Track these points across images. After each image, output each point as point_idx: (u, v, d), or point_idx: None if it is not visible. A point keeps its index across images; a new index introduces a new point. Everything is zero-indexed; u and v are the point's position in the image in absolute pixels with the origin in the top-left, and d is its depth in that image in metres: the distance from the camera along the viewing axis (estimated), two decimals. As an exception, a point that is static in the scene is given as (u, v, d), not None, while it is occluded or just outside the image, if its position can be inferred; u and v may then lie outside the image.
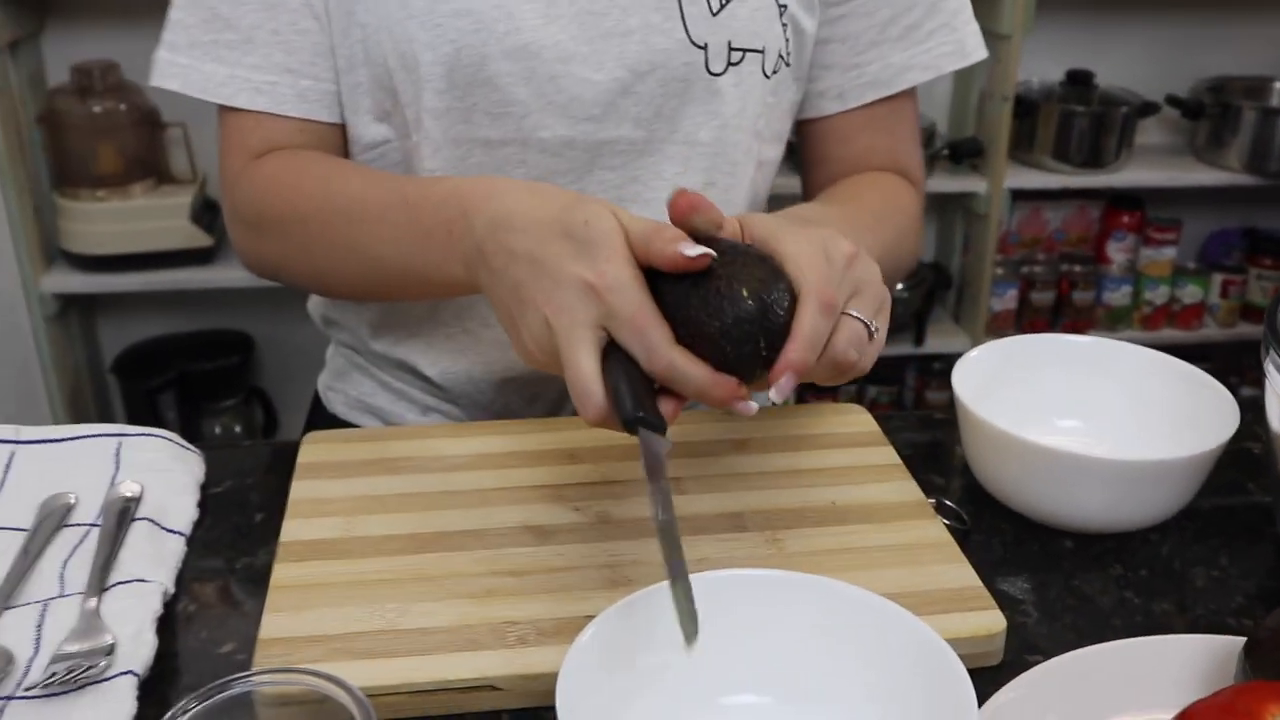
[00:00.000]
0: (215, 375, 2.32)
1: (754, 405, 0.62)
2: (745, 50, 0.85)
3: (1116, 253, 2.63)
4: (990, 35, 2.31)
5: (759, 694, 0.59)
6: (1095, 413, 0.83)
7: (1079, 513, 0.75)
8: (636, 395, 0.60)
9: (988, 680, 0.60)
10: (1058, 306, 2.65)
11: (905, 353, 2.53)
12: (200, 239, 2.13)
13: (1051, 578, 0.73)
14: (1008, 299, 2.59)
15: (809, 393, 2.17)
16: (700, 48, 0.84)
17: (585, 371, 0.60)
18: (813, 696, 0.58)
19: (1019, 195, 2.52)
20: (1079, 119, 2.44)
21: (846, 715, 0.57)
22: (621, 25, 0.83)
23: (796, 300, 0.61)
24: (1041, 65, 2.53)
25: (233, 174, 0.88)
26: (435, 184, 0.77)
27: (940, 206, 2.64)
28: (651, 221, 0.62)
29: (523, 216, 0.66)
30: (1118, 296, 2.63)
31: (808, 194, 0.99)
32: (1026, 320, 2.62)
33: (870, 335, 0.64)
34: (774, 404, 0.61)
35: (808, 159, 0.99)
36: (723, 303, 0.60)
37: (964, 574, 0.69)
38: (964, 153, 2.39)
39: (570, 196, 0.66)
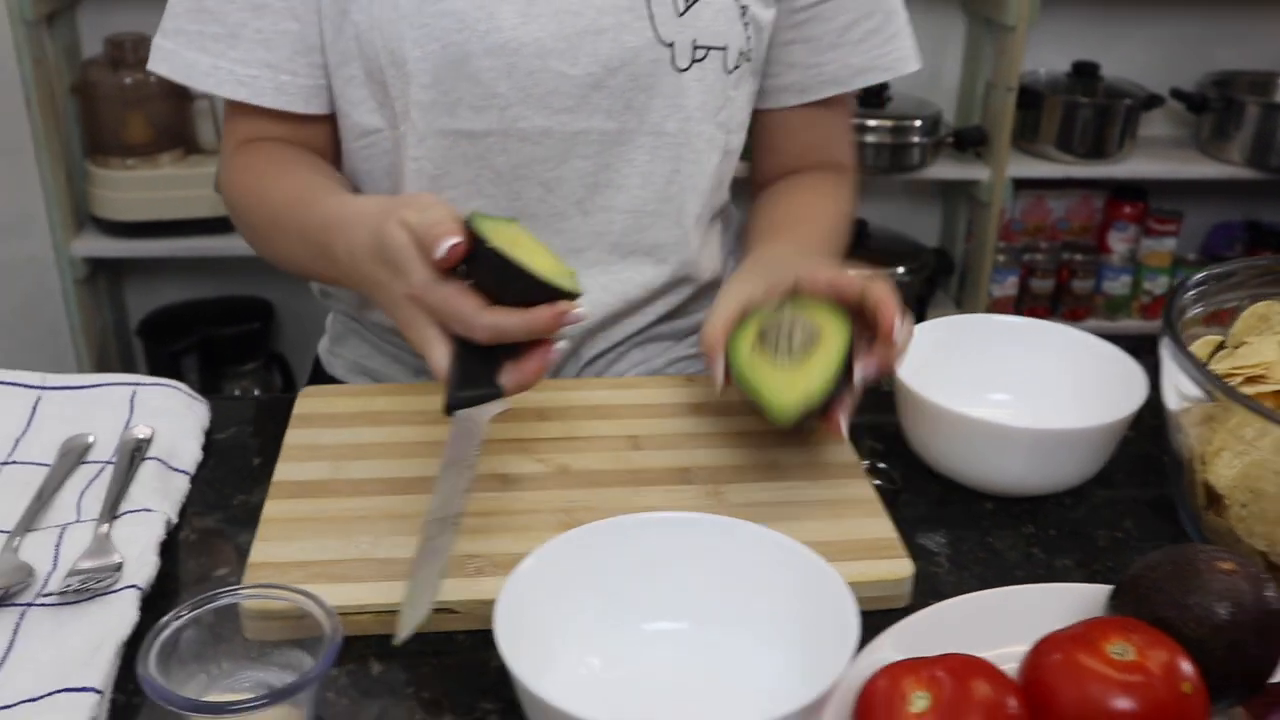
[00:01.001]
0: (236, 340, 2.41)
1: (583, 311, 0.71)
2: (709, 48, 0.93)
3: (1118, 242, 2.68)
4: (996, 26, 2.39)
5: (676, 620, 0.67)
6: (1024, 387, 0.91)
7: (999, 477, 0.82)
8: (464, 377, 0.69)
9: (896, 620, 0.67)
10: (1057, 294, 2.70)
11: (907, 335, 2.58)
12: (225, 209, 2.21)
13: (968, 534, 0.80)
14: (1008, 285, 2.65)
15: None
16: (667, 45, 0.92)
17: (439, 366, 0.70)
18: (723, 622, 0.66)
19: (1022, 184, 2.57)
20: (1083, 110, 2.49)
21: (750, 637, 0.65)
22: (595, 24, 0.91)
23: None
24: (1048, 56, 2.58)
25: (224, 157, 1.00)
26: (316, 209, 0.85)
27: (944, 193, 2.70)
28: (423, 224, 0.70)
29: (359, 248, 0.75)
30: (1117, 286, 2.68)
31: (756, 178, 1.09)
32: (1026, 307, 2.68)
33: None
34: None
35: (759, 146, 1.08)
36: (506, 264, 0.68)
37: (883, 526, 0.76)
38: (969, 141, 2.45)
39: (377, 218, 0.74)
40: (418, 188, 0.95)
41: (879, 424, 0.92)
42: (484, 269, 0.68)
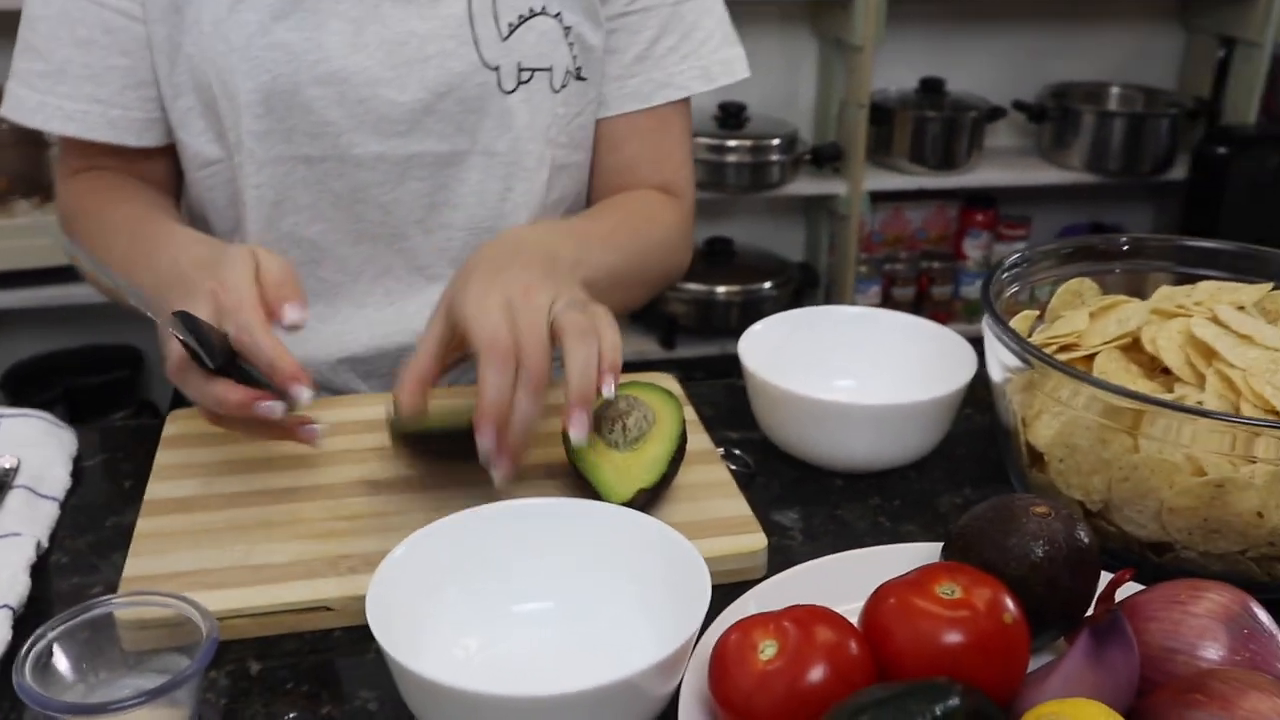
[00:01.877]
0: (104, 389, 2.37)
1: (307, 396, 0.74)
2: (534, 70, 0.97)
3: (972, 249, 2.81)
4: (846, 46, 2.49)
5: (543, 601, 0.70)
6: (865, 371, 0.96)
7: (845, 454, 0.88)
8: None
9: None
10: (919, 301, 2.81)
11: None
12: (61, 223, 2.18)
13: (819, 509, 0.85)
14: (871, 295, 2.75)
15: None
16: (493, 69, 0.96)
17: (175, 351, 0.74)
18: (589, 600, 0.70)
19: (879, 196, 2.68)
20: (932, 124, 2.61)
21: (614, 612, 0.69)
22: (421, 52, 0.95)
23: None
24: (897, 74, 2.70)
25: (60, 185, 1.01)
26: (161, 224, 0.90)
27: (806, 209, 2.79)
28: (282, 270, 0.76)
29: (191, 258, 0.81)
30: (973, 290, 2.80)
31: (590, 195, 1.10)
32: (890, 314, 2.78)
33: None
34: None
35: (593, 163, 1.09)
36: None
37: (738, 506, 0.81)
38: (825, 157, 2.54)
39: (228, 247, 0.81)
40: (259, 214, 0.97)
41: (733, 413, 0.97)
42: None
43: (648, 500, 0.77)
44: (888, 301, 2.78)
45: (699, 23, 1.05)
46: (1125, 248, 0.90)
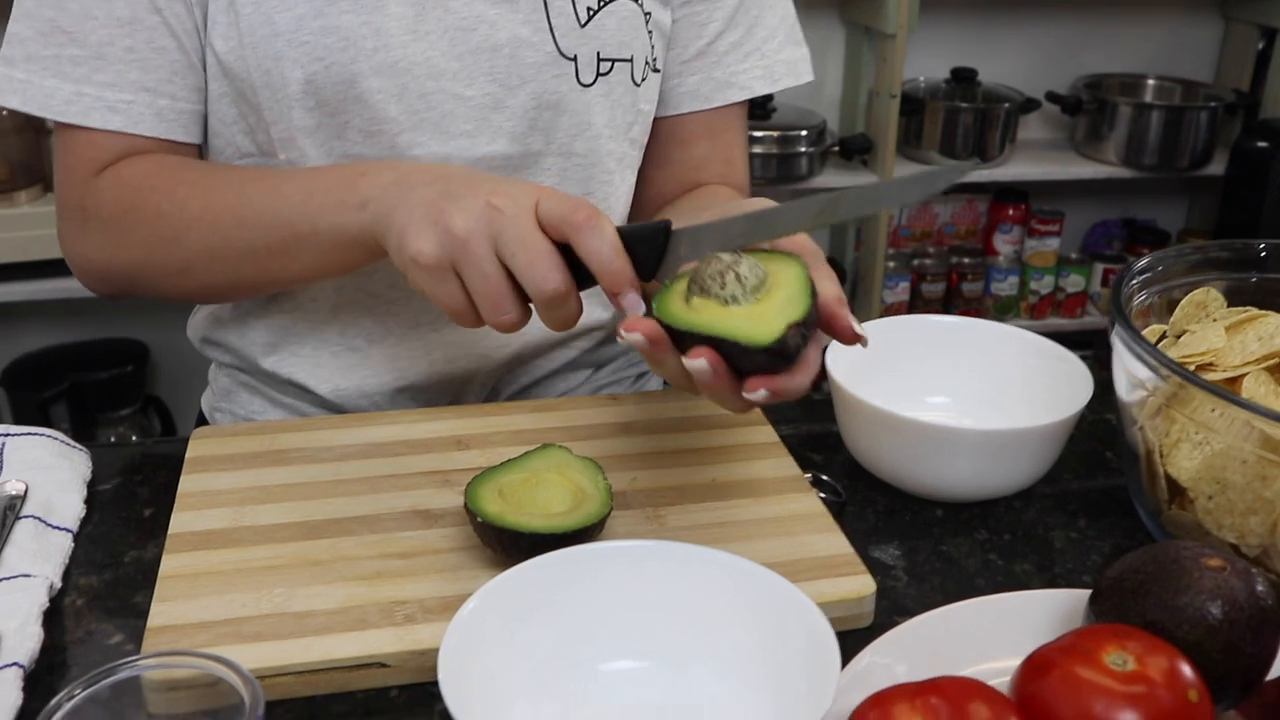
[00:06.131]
0: (109, 384, 2.28)
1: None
2: (614, 60, 0.88)
3: (1003, 244, 2.72)
4: (876, 35, 2.40)
5: (637, 659, 0.61)
6: (961, 389, 0.87)
7: (947, 482, 0.79)
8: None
9: (861, 640, 0.63)
10: (948, 297, 2.72)
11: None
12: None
13: (921, 544, 0.77)
14: (899, 291, 2.66)
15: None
16: (570, 59, 0.86)
17: (541, 243, 0.65)
18: (688, 659, 0.61)
19: (908, 190, 2.58)
20: (964, 115, 2.52)
21: (720, 674, 0.60)
22: (490, 40, 0.84)
23: None
24: (928, 64, 2.61)
25: (79, 181, 0.85)
26: (311, 171, 0.79)
27: (833, 202, 2.70)
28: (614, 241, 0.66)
29: (431, 170, 0.72)
30: (1005, 287, 2.71)
31: (649, 190, 1.00)
32: (917, 312, 2.69)
33: None
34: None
35: (649, 158, 0.99)
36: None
37: (837, 542, 0.72)
38: (854, 149, 2.45)
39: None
40: None
41: (817, 434, 0.88)
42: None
43: (801, 339, 0.61)
44: (916, 298, 2.69)
45: (762, 19, 0.96)
46: (1263, 254, 0.81)
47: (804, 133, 2.40)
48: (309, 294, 0.91)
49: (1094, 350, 2.35)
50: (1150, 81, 2.71)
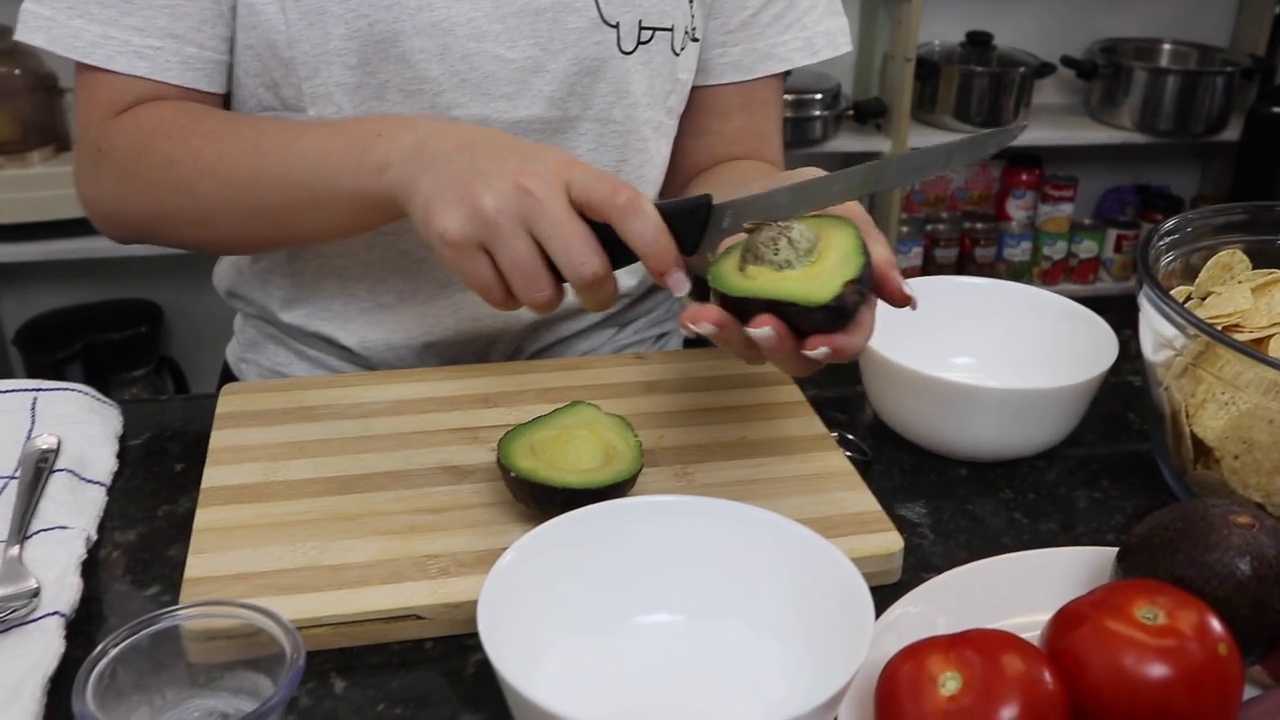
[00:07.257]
0: (123, 345, 2.29)
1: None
2: (655, 29, 0.87)
3: (1016, 210, 2.71)
4: (891, -3, 2.38)
5: (672, 613, 0.62)
6: (987, 349, 0.88)
7: (972, 442, 0.79)
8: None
9: (888, 596, 0.64)
10: (960, 263, 2.72)
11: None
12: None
13: (947, 503, 0.77)
14: (913, 256, 2.66)
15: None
16: (612, 26, 0.86)
17: (578, 227, 0.65)
18: (723, 612, 0.61)
19: (922, 155, 2.58)
20: (979, 79, 2.50)
21: (754, 628, 0.61)
22: (534, 3, 0.84)
23: None
24: (943, 27, 2.59)
25: (96, 124, 0.84)
26: (332, 123, 0.78)
27: (846, 166, 2.68)
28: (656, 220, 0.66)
29: (459, 129, 0.71)
30: (1017, 252, 2.71)
31: (684, 160, 1.00)
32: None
33: None
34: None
35: (686, 128, 0.99)
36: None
37: (865, 500, 0.73)
38: (868, 113, 2.44)
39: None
40: None
41: (842, 396, 0.88)
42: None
43: (859, 296, 0.61)
44: (929, 263, 2.69)
45: None
46: (1291, 216, 0.81)
47: (818, 96, 2.39)
48: (335, 249, 0.92)
49: (1107, 316, 2.34)
50: (1166, 46, 2.70)
